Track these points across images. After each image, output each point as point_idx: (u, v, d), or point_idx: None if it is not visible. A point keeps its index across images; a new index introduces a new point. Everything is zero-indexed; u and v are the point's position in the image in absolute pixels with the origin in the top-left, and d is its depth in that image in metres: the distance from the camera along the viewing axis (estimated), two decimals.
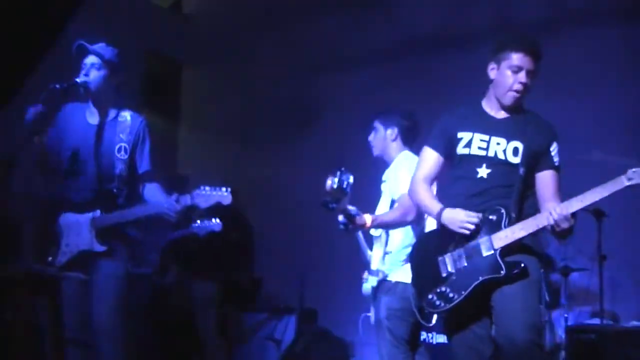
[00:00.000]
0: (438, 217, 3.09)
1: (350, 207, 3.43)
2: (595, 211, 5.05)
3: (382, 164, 4.00)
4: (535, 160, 3.10)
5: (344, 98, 7.28)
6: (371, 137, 3.99)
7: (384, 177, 3.94)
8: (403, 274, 3.67)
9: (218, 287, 6.39)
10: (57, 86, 3.41)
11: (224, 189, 3.44)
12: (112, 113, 3.61)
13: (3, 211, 3.21)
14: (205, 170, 7.82)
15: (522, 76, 3.06)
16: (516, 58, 3.07)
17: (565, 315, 5.21)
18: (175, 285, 6.38)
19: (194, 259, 6.60)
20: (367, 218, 3.52)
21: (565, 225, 2.88)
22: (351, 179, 3.31)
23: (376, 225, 3.65)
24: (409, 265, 3.63)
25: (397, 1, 7.16)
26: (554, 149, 3.12)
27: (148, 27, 7.47)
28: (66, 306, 3.39)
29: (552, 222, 2.88)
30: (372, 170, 4.03)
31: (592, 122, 5.89)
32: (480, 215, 3.00)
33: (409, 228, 3.73)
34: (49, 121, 3.51)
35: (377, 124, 3.95)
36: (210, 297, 6.29)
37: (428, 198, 3.19)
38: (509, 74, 3.08)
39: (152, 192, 3.59)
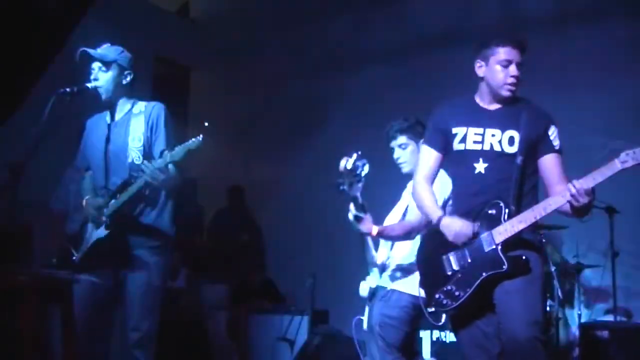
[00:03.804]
0: (437, 223, 3.08)
1: (362, 202, 3.37)
2: (607, 208, 5.02)
3: (393, 165, 3.92)
4: (534, 147, 3.06)
5: (353, 98, 7.28)
6: (399, 155, 3.81)
7: (409, 185, 3.85)
8: (399, 283, 3.66)
9: (228, 289, 6.41)
10: (68, 90, 3.41)
11: (200, 136, 3.27)
12: (126, 107, 3.63)
13: (11, 219, 3.22)
14: (214, 172, 7.85)
15: (513, 69, 3.06)
16: (504, 52, 3.06)
17: (579, 313, 5.19)
18: (186, 288, 6.40)
19: (203, 261, 6.62)
20: (374, 229, 3.47)
21: (584, 200, 2.82)
22: (367, 168, 3.25)
23: (380, 237, 3.63)
24: (407, 275, 3.64)
25: (405, 1, 7.15)
26: (552, 132, 3.09)
27: (155, 32, 7.51)
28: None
29: (570, 197, 2.82)
30: (382, 171, 4.00)
31: (600, 115, 5.86)
32: (477, 225, 2.99)
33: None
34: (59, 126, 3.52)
35: (406, 140, 3.79)
36: (221, 299, 6.31)
37: (430, 202, 3.17)
38: (499, 69, 3.07)
39: None
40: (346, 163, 3.22)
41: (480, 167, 3.07)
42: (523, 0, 6.54)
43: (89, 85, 3.50)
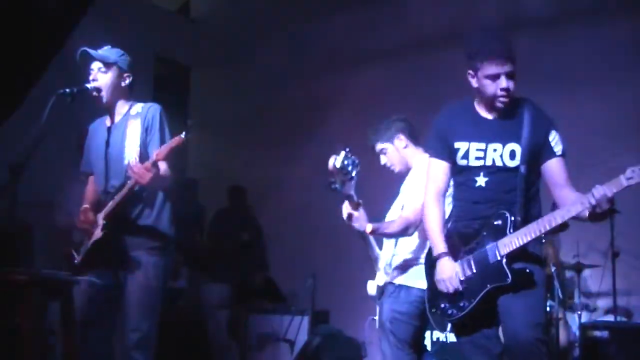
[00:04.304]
0: (436, 258, 3.08)
1: (357, 200, 3.35)
2: None
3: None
4: (536, 154, 3.04)
5: (353, 98, 7.28)
6: (384, 161, 3.85)
7: (406, 180, 3.86)
8: (407, 278, 3.66)
9: (229, 289, 6.42)
10: (67, 90, 3.41)
11: (183, 133, 3.26)
12: (124, 109, 3.61)
13: (11, 219, 3.22)
14: (215, 172, 7.86)
15: (502, 82, 2.98)
16: (489, 67, 2.97)
17: (579, 313, 5.19)
18: (186, 288, 6.40)
19: (204, 261, 6.62)
20: (369, 226, 3.44)
21: (607, 206, 2.79)
22: (358, 165, 3.22)
23: (376, 235, 3.63)
24: (413, 269, 3.65)
25: (405, 1, 7.15)
26: (553, 138, 3.06)
27: (156, 32, 7.51)
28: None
29: (595, 202, 2.78)
30: (383, 170, 4.01)
31: (600, 116, 5.86)
32: (460, 287, 2.99)
33: (417, 233, 3.68)
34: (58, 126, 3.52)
35: (382, 144, 3.83)
36: (222, 299, 6.31)
37: (436, 232, 3.13)
38: (488, 83, 3.00)
39: None
40: (335, 161, 3.20)
41: (481, 180, 3.07)
42: (523, 1, 6.54)
43: (88, 85, 3.50)
